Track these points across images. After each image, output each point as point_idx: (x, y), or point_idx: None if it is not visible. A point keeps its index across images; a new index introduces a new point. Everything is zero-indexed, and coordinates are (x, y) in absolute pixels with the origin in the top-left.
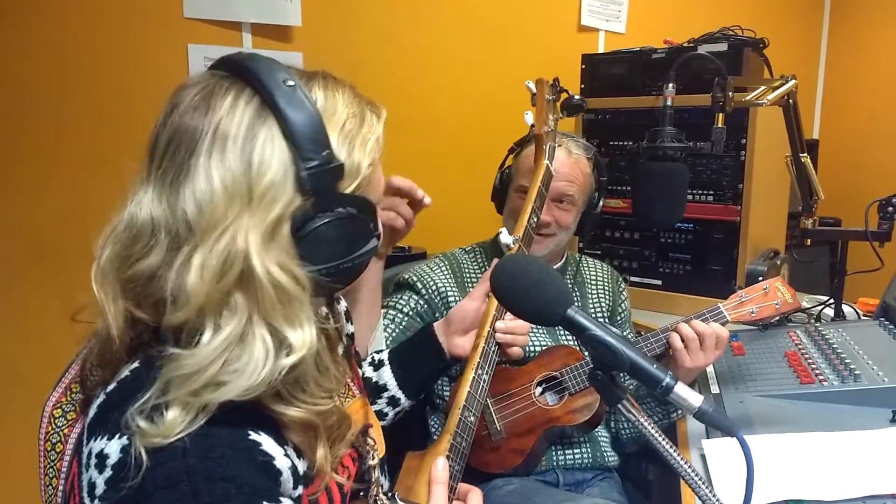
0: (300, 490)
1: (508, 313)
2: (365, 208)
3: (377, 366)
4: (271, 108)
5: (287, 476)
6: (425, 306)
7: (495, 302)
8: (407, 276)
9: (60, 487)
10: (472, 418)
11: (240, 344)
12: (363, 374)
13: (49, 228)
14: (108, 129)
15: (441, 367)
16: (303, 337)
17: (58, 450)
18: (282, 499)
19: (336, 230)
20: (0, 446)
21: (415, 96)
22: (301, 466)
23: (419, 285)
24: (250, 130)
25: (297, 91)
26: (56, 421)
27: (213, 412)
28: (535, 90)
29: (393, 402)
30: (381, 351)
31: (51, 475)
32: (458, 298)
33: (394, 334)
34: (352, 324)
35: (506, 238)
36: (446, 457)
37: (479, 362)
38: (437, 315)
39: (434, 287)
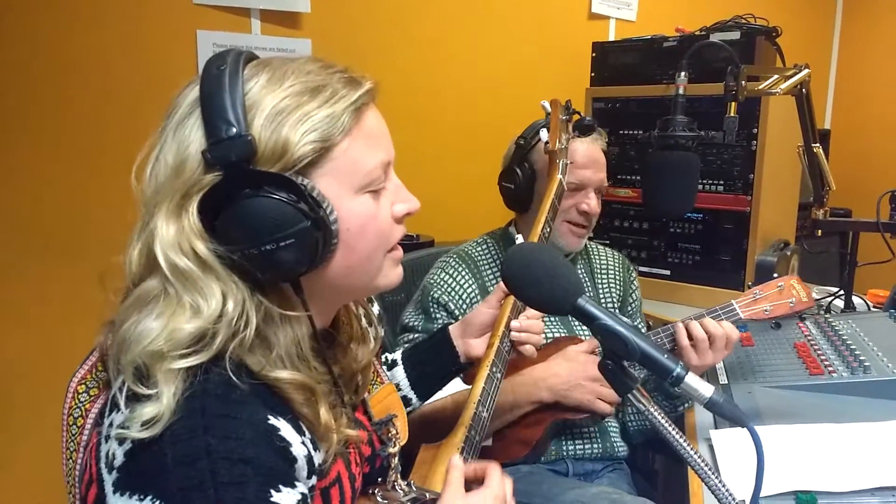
0: (314, 480)
1: (522, 313)
2: (293, 190)
3: (390, 365)
4: (199, 94)
5: (302, 464)
6: None
7: (510, 302)
8: (437, 295)
9: (79, 460)
10: (486, 414)
11: (158, 305)
12: None
13: (54, 218)
14: (115, 117)
15: (454, 369)
16: (213, 309)
17: (79, 424)
18: (297, 483)
19: (244, 209)
20: (9, 432)
21: (423, 84)
22: (317, 458)
23: (451, 305)
24: (183, 117)
25: (222, 74)
26: (79, 396)
27: (215, 387)
28: (549, 110)
29: (404, 402)
30: (395, 351)
31: (71, 448)
32: (479, 299)
33: None
34: (382, 326)
35: None
36: (461, 448)
37: (493, 360)
38: None
39: (464, 306)
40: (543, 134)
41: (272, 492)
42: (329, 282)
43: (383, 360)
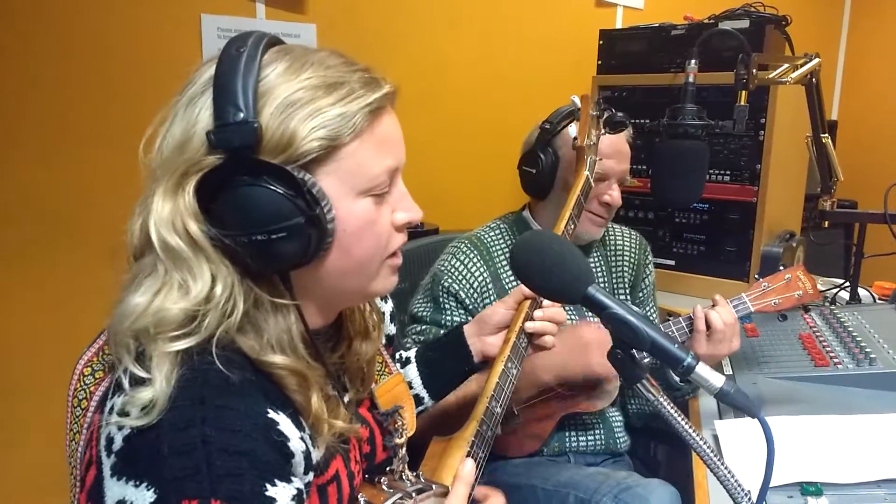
0: (310, 477)
1: (540, 307)
2: (291, 184)
3: (404, 363)
4: (214, 74)
5: (299, 459)
6: (469, 318)
7: (528, 301)
8: (448, 284)
9: (81, 441)
10: (499, 409)
11: (148, 282)
12: None
13: (59, 201)
14: (119, 101)
15: (467, 369)
16: (200, 290)
17: (83, 406)
18: (293, 478)
19: (240, 197)
20: (13, 419)
21: (427, 70)
22: (315, 455)
23: (462, 294)
24: (195, 94)
25: (240, 57)
26: (85, 379)
27: (223, 382)
28: (579, 105)
29: (417, 400)
30: (409, 349)
31: (75, 430)
32: (492, 287)
33: None
34: (394, 325)
35: None
36: (471, 443)
37: (509, 355)
38: None
39: (475, 295)
40: (572, 129)
41: (267, 486)
42: (323, 281)
43: (397, 357)
